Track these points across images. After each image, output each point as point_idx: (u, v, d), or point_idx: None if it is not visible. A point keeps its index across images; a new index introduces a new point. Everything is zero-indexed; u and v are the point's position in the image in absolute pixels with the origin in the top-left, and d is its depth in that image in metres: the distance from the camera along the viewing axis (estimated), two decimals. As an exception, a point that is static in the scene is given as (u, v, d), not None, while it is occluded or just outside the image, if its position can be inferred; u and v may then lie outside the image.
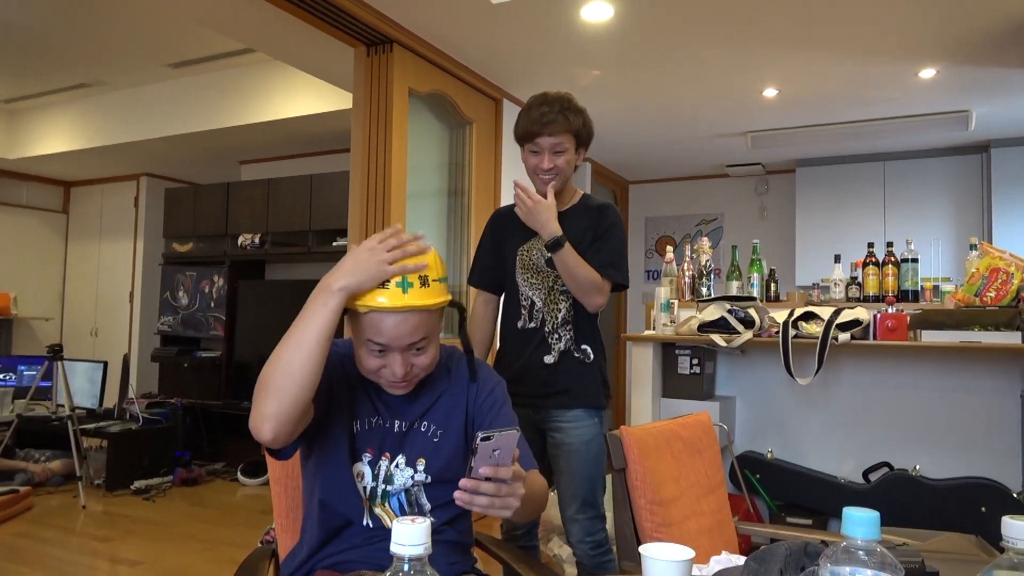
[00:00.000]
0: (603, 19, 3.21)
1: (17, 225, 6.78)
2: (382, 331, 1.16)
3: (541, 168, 2.00)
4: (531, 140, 2.00)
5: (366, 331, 1.17)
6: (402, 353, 1.19)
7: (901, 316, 2.65)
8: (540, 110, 1.97)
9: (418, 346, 1.20)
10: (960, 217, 5.27)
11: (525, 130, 2.00)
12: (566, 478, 2.02)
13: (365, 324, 1.17)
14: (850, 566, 0.66)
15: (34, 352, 6.35)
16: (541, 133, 1.97)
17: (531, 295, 2.09)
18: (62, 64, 4.88)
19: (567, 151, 2.00)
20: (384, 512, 1.27)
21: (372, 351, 1.19)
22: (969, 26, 3.25)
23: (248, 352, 5.42)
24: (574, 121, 1.99)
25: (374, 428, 1.28)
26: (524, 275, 2.10)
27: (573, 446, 2.00)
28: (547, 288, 2.06)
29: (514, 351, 2.13)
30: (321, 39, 3.34)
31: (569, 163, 2.03)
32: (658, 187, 6.70)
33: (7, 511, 3.84)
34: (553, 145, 1.98)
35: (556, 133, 1.97)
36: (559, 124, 1.96)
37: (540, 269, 2.08)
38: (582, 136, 2.03)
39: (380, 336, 1.16)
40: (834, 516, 2.98)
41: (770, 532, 2.19)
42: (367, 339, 1.18)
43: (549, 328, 2.06)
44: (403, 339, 1.17)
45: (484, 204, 4.10)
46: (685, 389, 3.06)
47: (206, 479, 4.86)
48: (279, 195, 5.34)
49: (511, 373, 2.10)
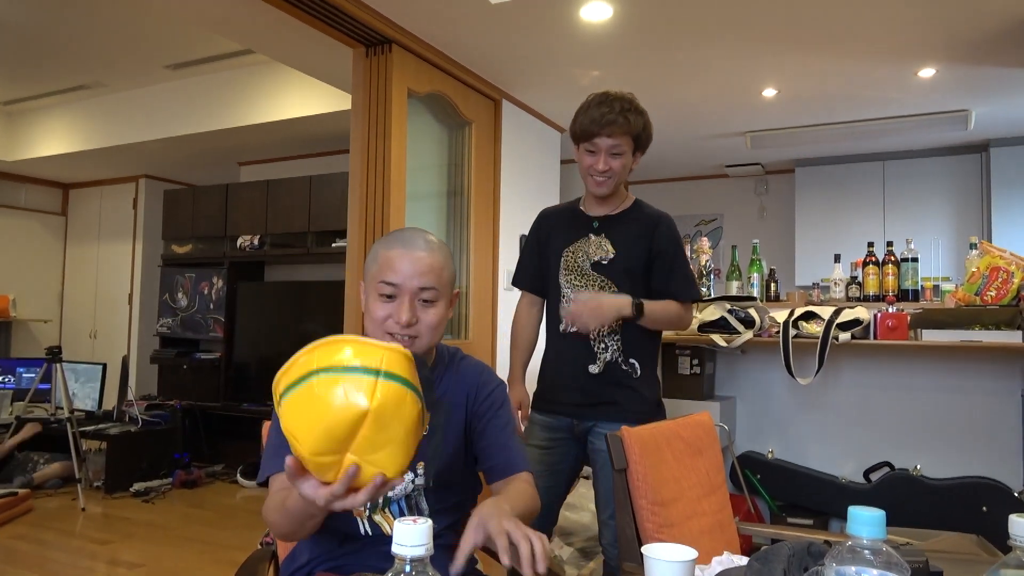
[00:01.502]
0: (602, 19, 3.21)
1: (16, 227, 6.77)
2: (397, 269, 1.23)
3: (596, 169, 1.93)
4: (588, 139, 1.92)
5: (381, 273, 1.24)
6: (411, 298, 1.23)
7: (901, 315, 2.64)
8: (600, 109, 1.89)
9: (426, 297, 1.25)
10: (959, 216, 5.27)
11: (583, 128, 1.93)
12: (603, 484, 1.98)
13: (381, 265, 1.25)
14: (855, 565, 0.66)
15: (33, 354, 6.33)
16: (599, 133, 1.89)
17: (574, 298, 2.01)
18: (61, 66, 4.88)
19: (624, 154, 1.93)
20: (383, 519, 1.26)
21: (381, 296, 1.24)
22: (968, 25, 3.25)
23: (247, 354, 5.41)
24: (635, 123, 1.91)
25: None
26: (568, 276, 2.03)
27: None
28: (593, 293, 1.99)
29: (556, 356, 2.07)
30: (320, 40, 3.33)
31: (625, 167, 1.95)
32: (657, 187, 6.69)
33: (6, 514, 3.83)
34: (611, 147, 1.91)
35: (615, 135, 1.89)
36: (619, 125, 1.88)
37: (585, 272, 2.01)
38: (641, 140, 1.95)
39: (394, 275, 1.23)
40: (835, 516, 2.97)
41: (771, 532, 2.19)
42: (379, 281, 1.24)
43: (594, 336, 1.98)
44: (414, 279, 1.23)
45: (484, 204, 4.10)
46: (685, 389, 3.06)
47: (205, 481, 4.85)
48: (278, 196, 5.34)
49: (553, 379, 2.06)
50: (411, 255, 1.24)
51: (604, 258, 1.99)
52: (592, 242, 2.01)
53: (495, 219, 4.19)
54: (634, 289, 1.98)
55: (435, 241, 1.30)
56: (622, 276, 1.98)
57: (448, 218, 4.01)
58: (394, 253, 1.24)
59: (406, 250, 1.25)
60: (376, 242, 1.32)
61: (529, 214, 4.51)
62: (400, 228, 1.29)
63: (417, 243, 1.26)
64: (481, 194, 4.07)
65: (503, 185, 4.23)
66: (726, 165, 6.08)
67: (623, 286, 1.97)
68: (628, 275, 1.98)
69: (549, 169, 4.81)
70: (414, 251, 1.25)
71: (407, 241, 1.26)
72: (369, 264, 1.29)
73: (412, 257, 1.24)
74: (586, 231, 2.04)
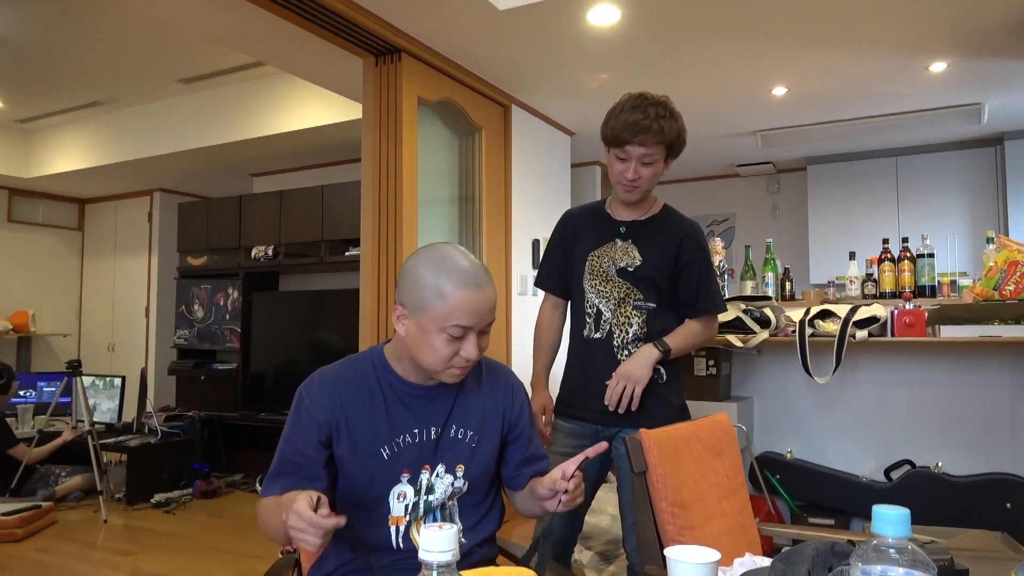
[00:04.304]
0: (610, 22, 3.21)
1: (34, 243, 6.86)
2: (473, 311, 1.21)
3: (626, 177, 1.88)
4: (619, 146, 1.86)
5: (452, 314, 1.20)
6: (478, 334, 1.24)
7: (919, 312, 2.62)
8: (634, 115, 1.81)
9: (487, 329, 1.26)
10: (975, 211, 5.23)
11: (615, 134, 1.84)
12: (627, 490, 1.95)
13: (451, 305, 1.20)
14: (881, 564, 0.66)
15: (53, 368, 6.40)
16: (632, 141, 1.82)
17: (597, 303, 1.97)
18: (74, 83, 4.94)
19: (656, 162, 1.86)
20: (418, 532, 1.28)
21: (451, 337, 1.21)
22: (979, 18, 3.22)
23: (264, 363, 5.44)
24: (668, 131, 1.83)
25: (404, 447, 1.27)
26: (592, 281, 1.99)
27: None
28: (617, 299, 1.95)
29: (579, 362, 2.03)
30: (329, 51, 3.36)
31: (656, 175, 1.89)
32: (669, 188, 6.68)
33: (30, 527, 3.87)
34: (643, 155, 1.84)
35: (648, 144, 1.82)
36: (653, 134, 1.80)
37: (610, 278, 1.96)
38: (674, 147, 1.88)
39: (469, 318, 1.21)
40: (856, 516, 2.95)
41: (793, 533, 2.18)
42: (453, 324, 1.20)
43: (619, 343, 1.95)
44: (487, 316, 1.24)
45: (495, 210, 4.11)
46: (702, 391, 3.04)
47: (225, 491, 4.88)
48: (291, 206, 5.38)
49: (577, 385, 2.03)
50: (483, 295, 1.22)
51: (630, 264, 1.95)
52: (619, 247, 1.97)
53: (507, 224, 4.20)
54: (659, 297, 1.95)
55: (484, 267, 1.27)
56: (647, 284, 1.95)
57: (460, 224, 4.02)
58: (467, 295, 1.20)
59: (479, 291, 1.21)
60: (425, 268, 1.22)
61: (541, 218, 4.55)
62: (443, 249, 1.22)
63: (482, 279, 1.22)
64: (492, 199, 4.09)
65: (514, 190, 4.24)
66: (737, 165, 6.06)
67: (648, 294, 1.95)
68: (653, 284, 1.95)
69: (560, 173, 4.82)
70: (485, 290, 1.22)
71: (473, 279, 1.21)
72: (427, 297, 1.20)
73: (484, 297, 1.22)
74: (612, 236, 1.99)
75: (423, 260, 1.23)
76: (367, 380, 1.29)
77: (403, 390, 1.29)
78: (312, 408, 1.25)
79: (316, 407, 1.25)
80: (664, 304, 1.96)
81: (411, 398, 1.29)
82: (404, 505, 1.27)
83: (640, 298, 1.95)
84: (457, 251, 1.25)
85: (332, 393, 1.27)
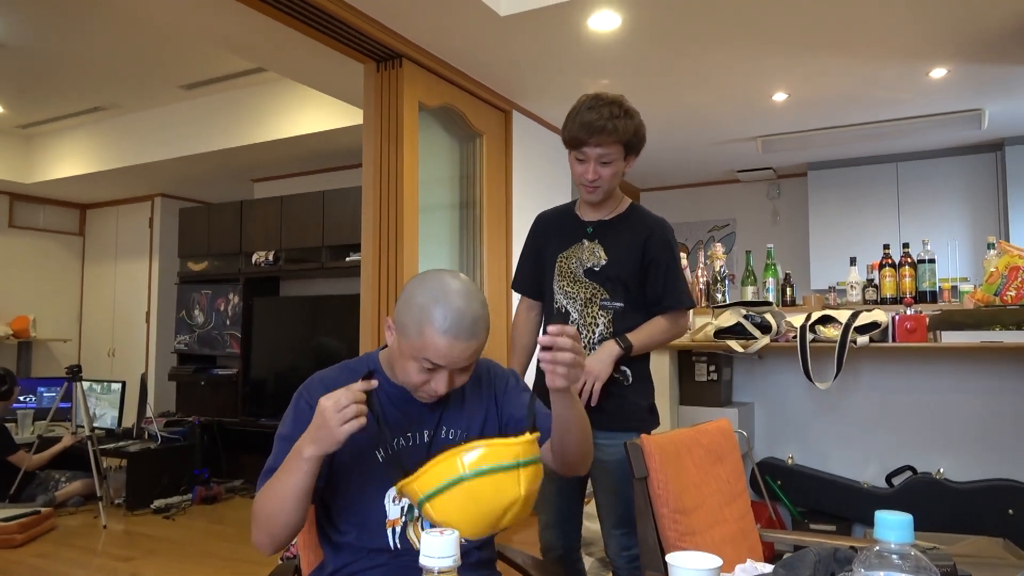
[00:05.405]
0: (611, 28, 3.22)
1: (35, 248, 6.87)
2: (445, 355, 1.17)
3: (586, 178, 1.89)
4: (577, 148, 1.88)
5: (426, 351, 1.17)
6: (451, 373, 1.21)
7: (920, 317, 2.62)
8: (589, 116, 1.82)
9: (464, 367, 1.23)
10: (976, 216, 5.23)
11: (572, 135, 1.87)
12: (603, 495, 1.96)
13: (427, 343, 1.17)
14: (884, 570, 0.65)
15: (53, 373, 6.40)
16: (588, 142, 1.84)
17: (565, 304, 1.98)
18: (76, 88, 4.95)
19: (614, 162, 1.87)
20: (416, 533, 1.27)
21: (422, 368, 1.20)
22: (980, 24, 3.23)
23: (264, 369, 5.44)
24: (624, 130, 1.83)
25: (398, 450, 1.28)
26: (560, 283, 2.00)
27: (609, 464, 1.87)
28: (584, 300, 1.96)
29: None
30: (331, 56, 3.37)
31: (616, 174, 1.90)
32: (669, 194, 6.69)
33: (30, 532, 3.87)
34: (600, 156, 1.85)
35: (604, 144, 1.83)
36: (608, 133, 1.82)
37: (578, 279, 1.98)
38: (632, 145, 1.89)
39: (443, 360, 1.18)
40: (858, 521, 2.94)
41: (794, 539, 2.17)
42: (423, 357, 1.18)
43: (585, 343, 1.94)
44: (461, 363, 1.20)
45: (496, 216, 4.11)
46: (703, 396, 3.04)
47: (225, 496, 4.87)
48: (292, 212, 5.38)
49: (543, 384, 2.05)
50: (461, 346, 1.17)
51: (596, 264, 1.96)
52: (585, 248, 1.99)
53: (508, 230, 4.20)
54: (627, 297, 1.95)
55: (481, 313, 1.20)
56: (614, 284, 1.95)
57: (461, 230, 4.02)
58: (445, 342, 1.16)
59: (456, 342, 1.16)
60: (421, 297, 1.19)
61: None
62: (447, 284, 1.17)
63: (467, 331, 1.17)
64: (493, 205, 4.09)
65: (515, 196, 4.24)
66: (737, 170, 6.06)
67: (615, 294, 1.95)
68: (620, 283, 1.95)
69: (561, 179, 4.82)
70: (465, 342, 1.17)
71: (457, 329, 1.16)
72: (409, 325, 1.18)
73: (462, 348, 1.18)
74: (580, 237, 2.01)
75: (423, 288, 1.21)
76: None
77: (396, 394, 1.30)
78: (312, 406, 1.24)
79: (315, 405, 1.24)
80: (633, 303, 1.96)
81: (404, 402, 1.30)
82: (400, 507, 1.27)
83: (606, 298, 1.95)
84: (460, 292, 1.19)
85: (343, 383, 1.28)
